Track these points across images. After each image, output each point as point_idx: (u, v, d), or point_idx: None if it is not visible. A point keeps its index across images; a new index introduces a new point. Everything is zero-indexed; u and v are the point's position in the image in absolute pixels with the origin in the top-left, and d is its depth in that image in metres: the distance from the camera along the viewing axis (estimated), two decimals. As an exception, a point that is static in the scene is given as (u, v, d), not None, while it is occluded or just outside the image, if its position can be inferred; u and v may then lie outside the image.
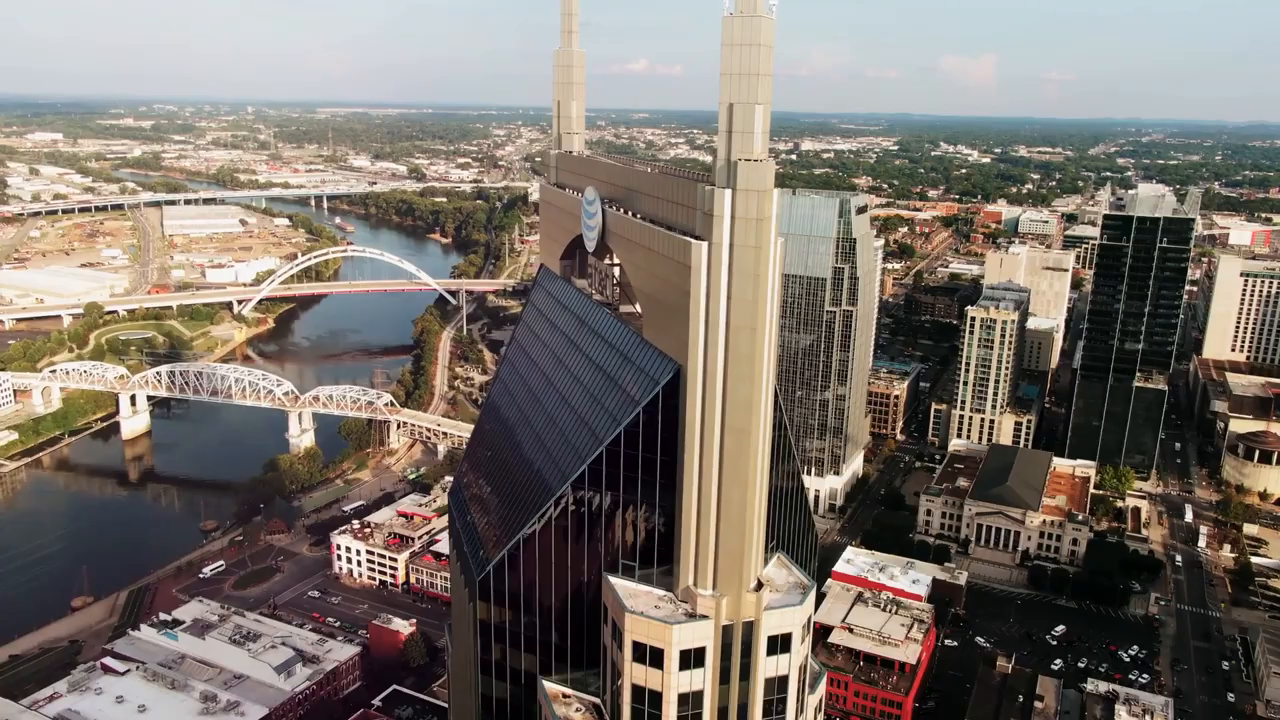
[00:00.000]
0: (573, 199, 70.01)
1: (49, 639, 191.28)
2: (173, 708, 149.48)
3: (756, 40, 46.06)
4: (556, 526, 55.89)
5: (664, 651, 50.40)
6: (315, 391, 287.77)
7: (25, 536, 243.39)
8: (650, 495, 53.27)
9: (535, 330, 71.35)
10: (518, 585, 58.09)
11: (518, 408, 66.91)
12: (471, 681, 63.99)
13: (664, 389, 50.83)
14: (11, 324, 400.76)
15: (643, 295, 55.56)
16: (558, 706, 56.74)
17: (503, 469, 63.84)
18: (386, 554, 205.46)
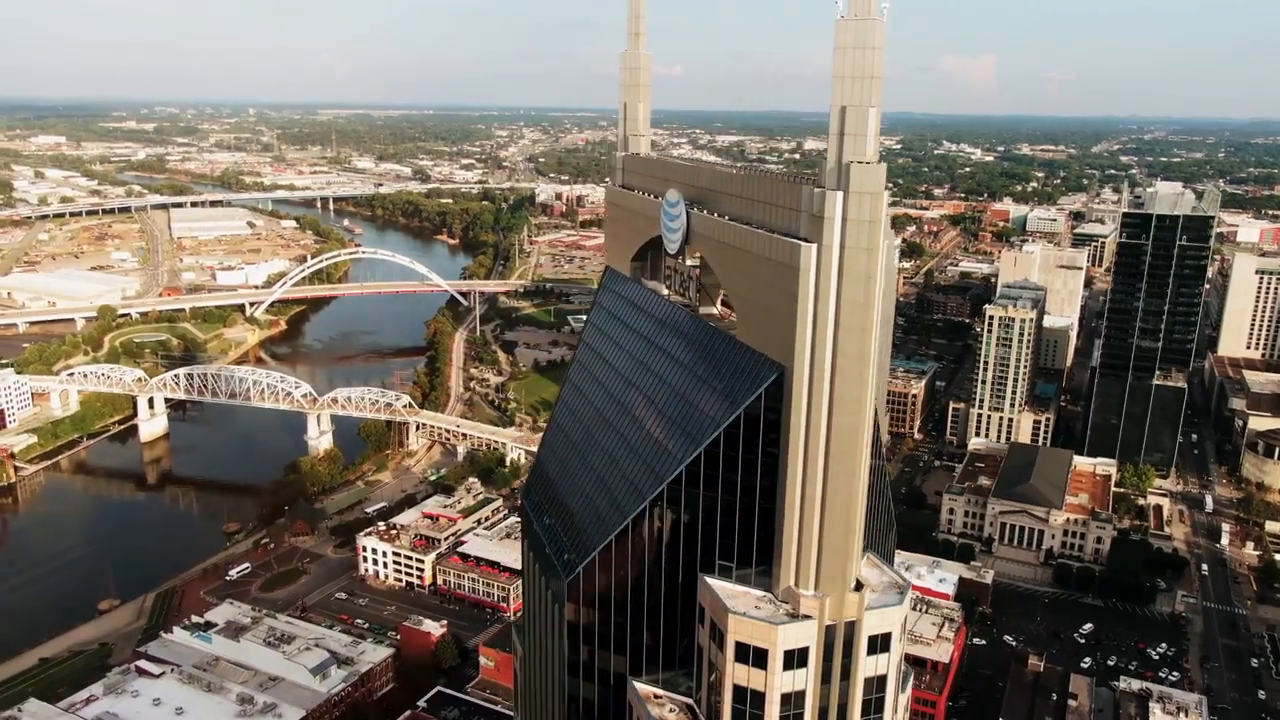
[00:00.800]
0: (645, 200, 70.22)
1: (78, 641, 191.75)
2: (210, 710, 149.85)
3: (869, 43, 46.37)
4: (651, 528, 56.11)
5: (768, 652, 50.67)
6: (334, 393, 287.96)
7: (49, 540, 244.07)
8: (749, 496, 53.51)
9: (607, 332, 71.56)
10: (609, 587, 58.30)
11: (594, 410, 67.09)
12: (556, 683, 64.21)
13: (766, 390, 51.07)
14: (25, 327, 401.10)
15: (737, 297, 55.80)
16: (651, 707, 56.95)
17: (584, 471, 64.04)
18: (413, 556, 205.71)
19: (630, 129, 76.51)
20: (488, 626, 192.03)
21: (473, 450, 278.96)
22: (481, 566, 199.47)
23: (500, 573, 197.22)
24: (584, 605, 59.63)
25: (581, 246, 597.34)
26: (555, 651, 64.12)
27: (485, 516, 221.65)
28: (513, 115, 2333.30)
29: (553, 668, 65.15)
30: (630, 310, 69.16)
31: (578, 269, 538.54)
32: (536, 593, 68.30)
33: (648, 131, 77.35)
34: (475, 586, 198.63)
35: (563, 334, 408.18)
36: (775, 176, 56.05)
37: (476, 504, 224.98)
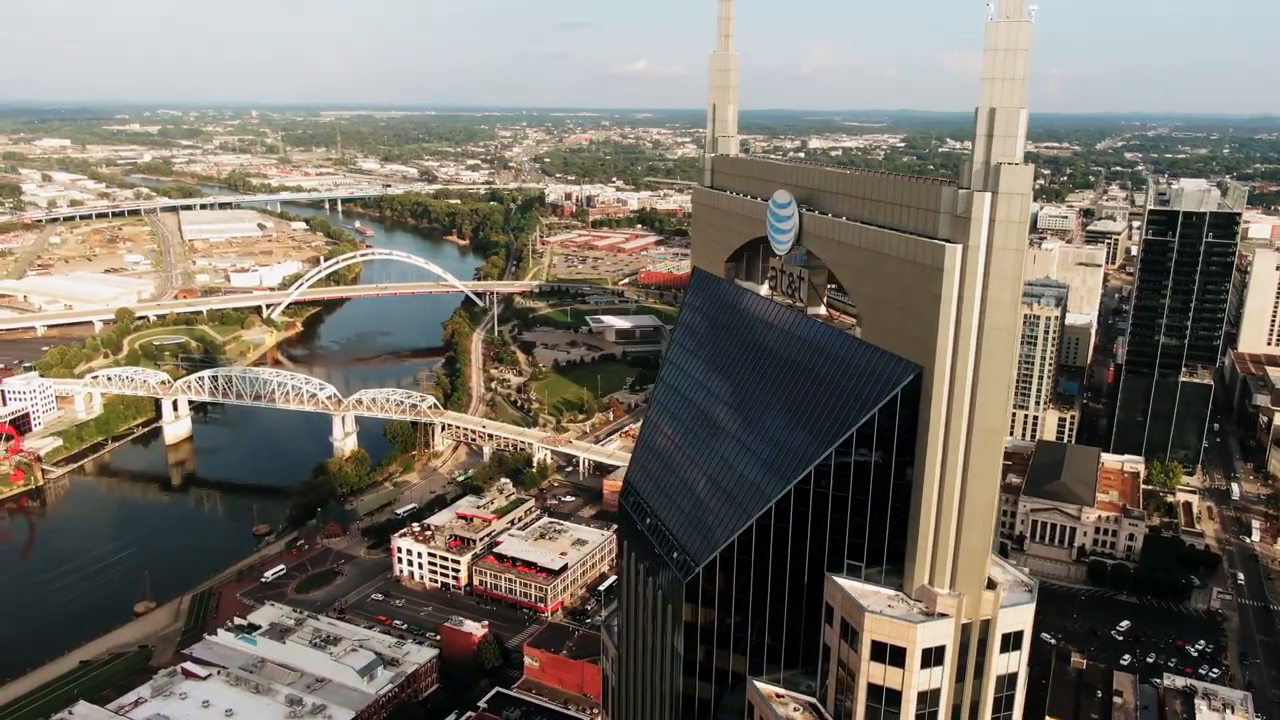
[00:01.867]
0: (744, 201, 70.54)
1: (117, 644, 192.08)
2: (260, 712, 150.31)
3: (1018, 45, 46.66)
4: (776, 527, 56.42)
5: (906, 651, 51.03)
6: (359, 395, 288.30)
7: (80, 542, 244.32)
8: (881, 495, 53.82)
9: (703, 334, 71.84)
10: (729, 586, 58.63)
11: (697, 411, 67.33)
12: (668, 682, 64.53)
13: (902, 391, 51.39)
14: (43, 330, 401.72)
15: (863, 298, 56.07)
16: (775, 706, 57.30)
17: (692, 472, 64.29)
18: (448, 556, 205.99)
19: (720, 130, 76.87)
20: (526, 627, 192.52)
21: (499, 451, 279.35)
22: (518, 567, 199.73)
23: (538, 573, 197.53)
24: (702, 605, 59.96)
25: (594, 247, 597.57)
26: (666, 651, 64.45)
27: (518, 517, 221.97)
28: (515, 116, 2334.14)
29: (663, 667, 65.48)
30: (729, 312, 69.47)
31: (591, 269, 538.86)
32: (641, 592, 68.61)
33: (735, 132, 77.64)
34: (512, 587, 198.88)
35: (580, 334, 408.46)
36: (906, 177, 56.36)
37: (509, 505, 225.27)
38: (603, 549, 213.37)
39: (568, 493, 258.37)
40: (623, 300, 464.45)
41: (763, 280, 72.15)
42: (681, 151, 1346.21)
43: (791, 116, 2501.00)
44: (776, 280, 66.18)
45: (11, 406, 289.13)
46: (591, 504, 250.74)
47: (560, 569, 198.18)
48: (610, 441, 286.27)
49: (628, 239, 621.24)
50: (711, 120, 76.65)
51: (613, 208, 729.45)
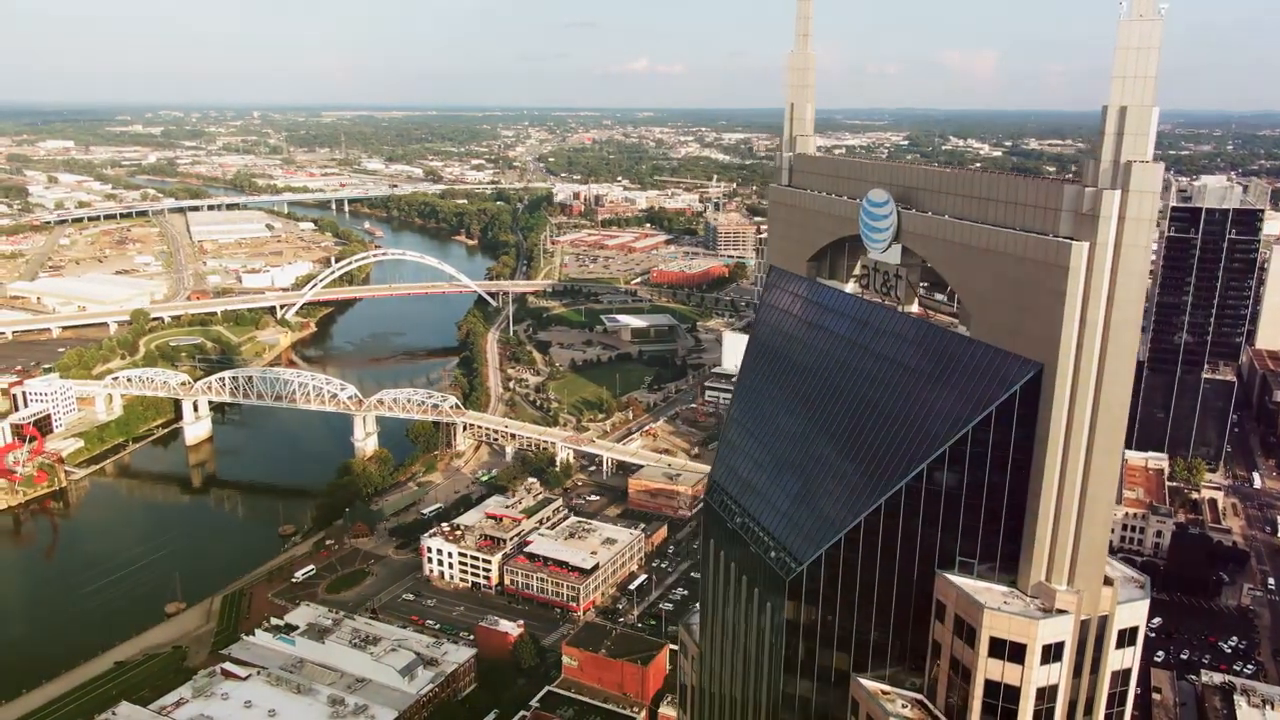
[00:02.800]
0: (829, 200, 70.73)
1: (150, 645, 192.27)
2: (302, 712, 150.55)
3: (1150, 44, 46.86)
4: (885, 525, 56.61)
5: (1026, 647, 51.23)
6: (380, 395, 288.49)
7: (106, 544, 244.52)
8: (995, 492, 54.00)
9: (786, 331, 71.94)
10: (835, 584, 58.78)
11: (788, 411, 67.48)
12: (766, 680, 64.73)
13: (1022, 388, 51.56)
14: (58, 332, 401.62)
15: (973, 296, 56.21)
16: (883, 703, 57.49)
17: (788, 471, 64.45)
18: (479, 556, 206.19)
19: (798, 129, 76.98)
20: (558, 626, 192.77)
21: (521, 450, 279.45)
22: (550, 566, 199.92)
23: (570, 572, 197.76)
24: (806, 603, 60.12)
25: (604, 246, 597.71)
26: (763, 648, 64.64)
27: (546, 517, 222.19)
28: (516, 115, 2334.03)
29: (758, 665, 65.67)
30: (815, 310, 69.59)
31: (602, 269, 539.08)
32: (732, 590, 68.80)
33: (812, 131, 77.78)
34: (544, 586, 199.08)
35: (595, 333, 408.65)
36: (1018, 176, 56.53)
37: (537, 504, 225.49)
38: (631, 548, 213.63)
39: (591, 492, 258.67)
40: (636, 300, 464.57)
41: (848, 278, 72.31)
42: (685, 150, 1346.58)
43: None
44: (868, 279, 66.32)
45: (33, 408, 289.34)
46: (616, 503, 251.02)
47: (592, 568, 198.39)
48: (631, 441, 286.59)
49: (637, 238, 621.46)
50: (789, 119, 76.76)
51: (621, 207, 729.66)
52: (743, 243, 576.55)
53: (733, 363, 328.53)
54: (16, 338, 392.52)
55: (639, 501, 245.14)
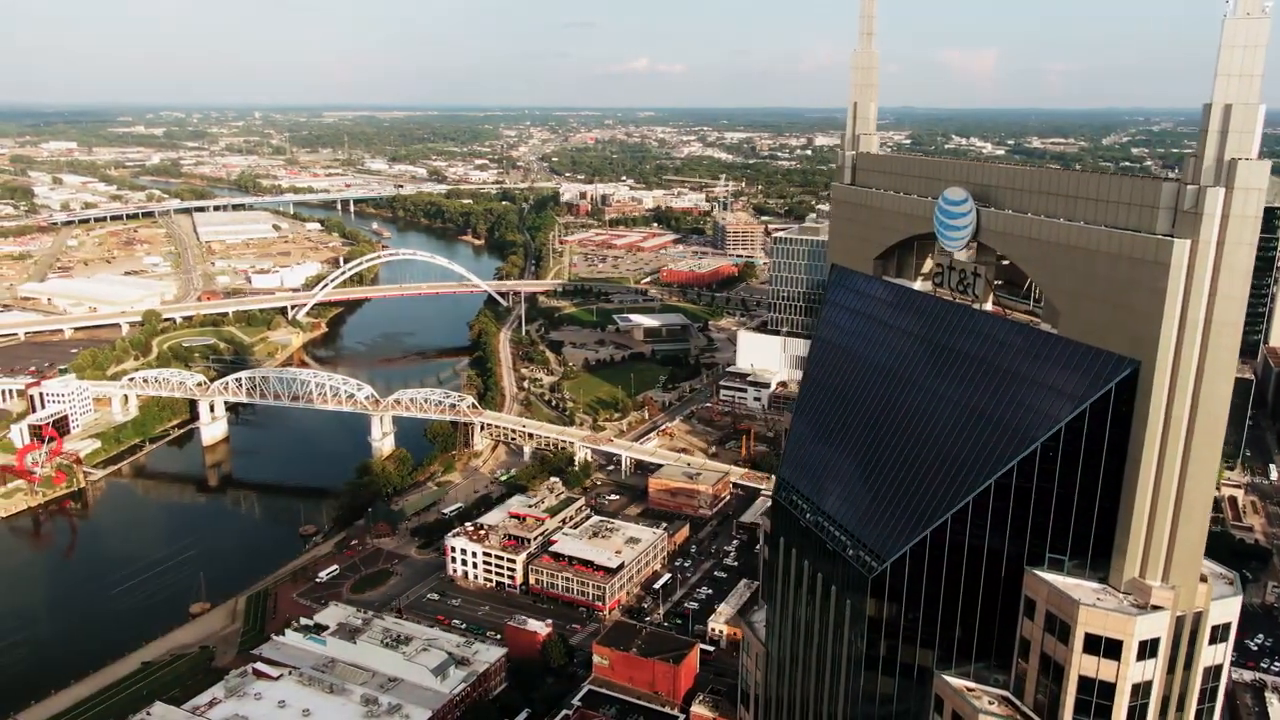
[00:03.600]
0: (897, 198, 70.86)
1: (177, 645, 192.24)
2: (336, 712, 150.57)
3: (1256, 41, 47.02)
4: (973, 522, 56.76)
5: (1122, 643, 51.36)
6: (397, 395, 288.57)
7: (127, 544, 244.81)
8: (1089, 489, 54.12)
9: (856, 330, 72.08)
10: (919, 581, 58.92)
11: (862, 408, 67.61)
12: (844, 676, 64.87)
13: (1117, 385, 51.68)
14: (71, 333, 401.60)
15: (1061, 293, 56.30)
16: (970, 698, 57.62)
17: (867, 469, 64.58)
18: (504, 555, 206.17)
19: (861, 127, 77.15)
20: (584, 626, 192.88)
21: (539, 450, 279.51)
22: (575, 566, 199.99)
23: (595, 571, 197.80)
24: (889, 600, 60.28)
25: (612, 245, 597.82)
26: (841, 645, 64.79)
27: (569, 516, 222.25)
28: (517, 115, 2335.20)
29: (834, 662, 65.81)
30: (887, 309, 69.70)
31: (611, 268, 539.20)
32: (804, 588, 68.92)
33: (875, 130, 77.93)
34: (569, 586, 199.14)
35: (608, 333, 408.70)
36: (1111, 174, 56.65)
37: (560, 504, 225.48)
38: (655, 547, 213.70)
39: (611, 491, 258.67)
40: (647, 299, 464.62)
41: (916, 276, 72.47)
42: (688, 150, 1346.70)
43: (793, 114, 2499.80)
44: (943, 276, 66.42)
45: (51, 409, 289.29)
46: (636, 502, 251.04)
47: (617, 567, 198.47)
48: (648, 440, 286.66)
49: (645, 237, 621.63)
50: (852, 118, 76.92)
51: (628, 206, 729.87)
52: (751, 242, 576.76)
53: (747, 361, 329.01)
54: (29, 339, 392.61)
55: (659, 501, 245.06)
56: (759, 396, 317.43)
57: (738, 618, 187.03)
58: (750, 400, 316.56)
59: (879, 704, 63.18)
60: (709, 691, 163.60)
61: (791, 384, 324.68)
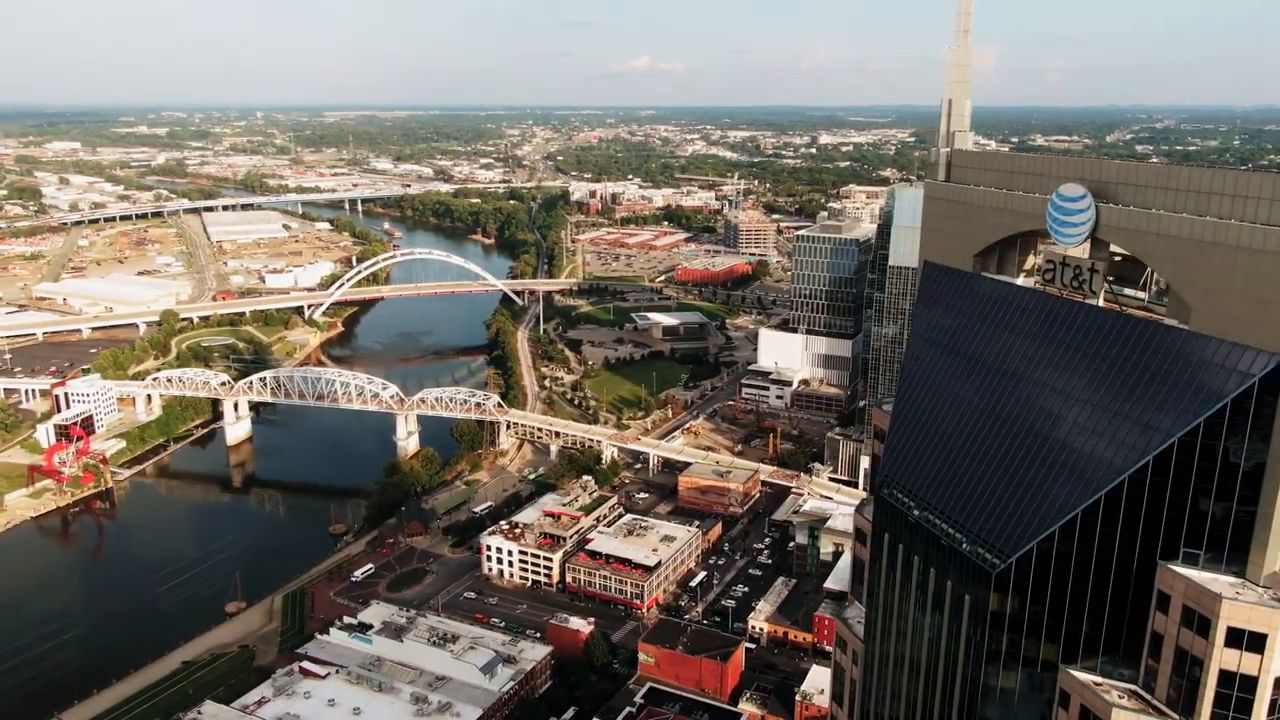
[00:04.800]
0: (1001, 195, 71.07)
1: (216, 644, 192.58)
2: (385, 710, 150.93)
3: None
4: (1105, 517, 56.94)
5: (1266, 637, 51.61)
6: (422, 394, 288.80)
7: (158, 544, 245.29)
8: (1227, 484, 54.32)
9: (957, 327, 72.17)
10: (1045, 576, 59.13)
11: (971, 404, 67.76)
12: (961, 672, 65.10)
13: (1261, 379, 51.92)
14: (89, 333, 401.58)
15: (1194, 290, 56.49)
16: (1100, 693, 57.86)
17: (980, 464, 64.74)
18: (540, 554, 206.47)
19: (956, 124, 77.29)
20: (624, 623, 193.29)
21: (565, 449, 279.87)
22: (613, 564, 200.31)
23: (633, 570, 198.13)
24: (1013, 596, 60.49)
25: (624, 244, 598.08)
26: (957, 641, 65.03)
27: (602, 515, 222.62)
28: (519, 115, 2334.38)
29: (949, 658, 66.05)
30: (992, 306, 69.81)
31: (625, 267, 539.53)
32: (914, 584, 69.17)
33: (968, 126, 78.13)
34: (607, 584, 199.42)
35: (626, 331, 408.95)
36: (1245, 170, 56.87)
37: (593, 502, 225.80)
38: (690, 545, 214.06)
39: (640, 490, 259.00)
40: (662, 298, 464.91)
41: (1018, 273, 72.73)
42: (691, 148, 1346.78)
43: (795, 112, 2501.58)
44: (1053, 272, 66.59)
45: (76, 409, 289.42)
46: (665, 500, 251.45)
47: (655, 566, 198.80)
48: (673, 439, 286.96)
49: (656, 236, 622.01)
50: (946, 115, 77.09)
51: (638, 205, 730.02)
52: (764, 240, 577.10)
53: (769, 360, 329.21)
54: (47, 339, 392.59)
55: (689, 499, 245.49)
56: (781, 395, 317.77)
57: (778, 615, 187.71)
58: (773, 398, 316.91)
59: (999, 698, 63.39)
60: (755, 689, 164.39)
61: (813, 382, 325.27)
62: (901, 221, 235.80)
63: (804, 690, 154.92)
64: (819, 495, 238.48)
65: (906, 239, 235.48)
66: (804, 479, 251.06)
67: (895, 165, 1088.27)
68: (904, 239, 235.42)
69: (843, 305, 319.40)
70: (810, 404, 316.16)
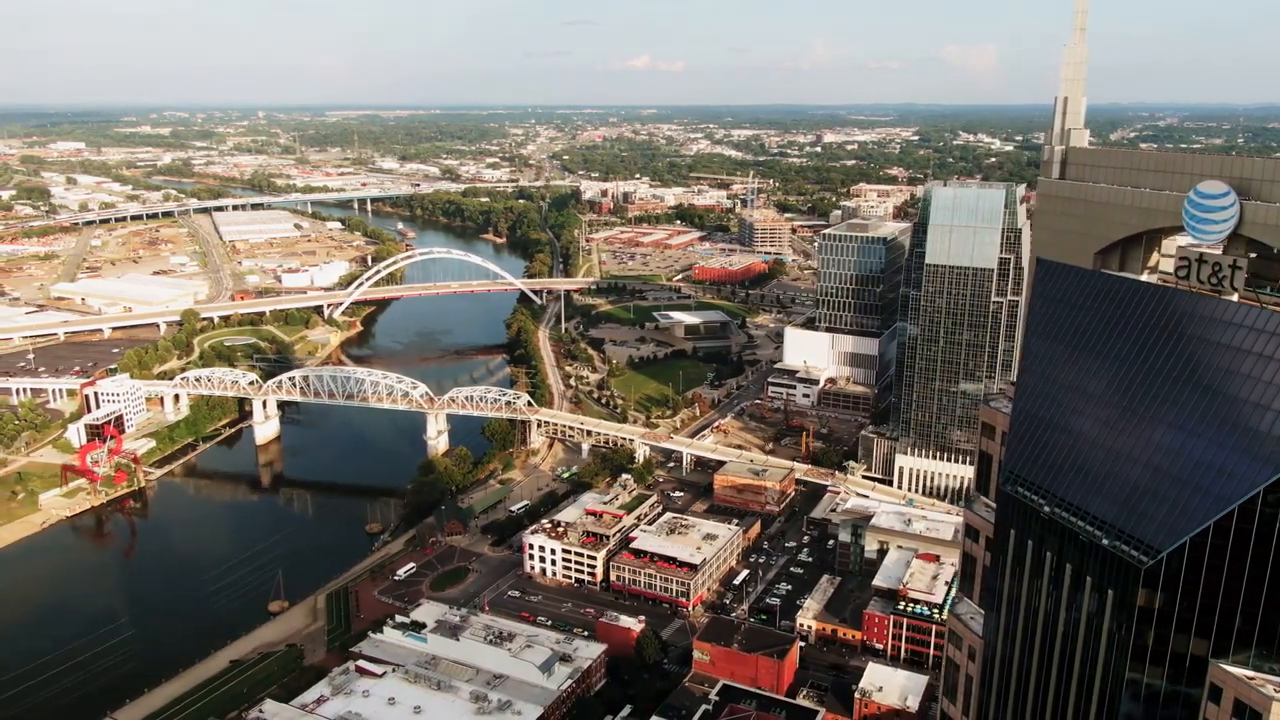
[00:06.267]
0: (1120, 192, 71.35)
1: (262, 643, 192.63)
2: (446, 708, 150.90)
3: None
4: (1263, 512, 57.27)
5: None
6: (452, 393, 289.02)
7: (195, 544, 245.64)
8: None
9: (1079, 323, 72.26)
10: (1198, 571, 59.45)
11: (1103, 400, 68.01)
12: (1101, 668, 65.40)
13: None
14: (109, 333, 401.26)
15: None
16: (1256, 686, 58.19)
17: (1118, 458, 65.02)
18: (584, 552, 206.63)
19: (1071, 122, 77.54)
20: (671, 621, 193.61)
21: (596, 447, 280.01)
22: (658, 562, 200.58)
23: (679, 568, 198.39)
24: (1163, 591, 60.77)
25: (639, 243, 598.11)
26: (1098, 638, 65.34)
27: (643, 513, 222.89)
28: (520, 114, 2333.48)
29: (1089, 654, 66.38)
30: (1121, 302, 69.83)
31: (641, 265, 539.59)
32: (1047, 580, 69.46)
33: (1083, 125, 78.40)
34: (652, 582, 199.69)
35: (647, 330, 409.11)
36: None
37: (633, 500, 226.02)
38: (731, 543, 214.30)
39: (674, 488, 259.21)
40: (681, 296, 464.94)
41: (1142, 269, 73.02)
42: (696, 147, 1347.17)
43: (796, 111, 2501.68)
44: (1188, 270, 66.89)
45: (106, 408, 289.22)
46: (701, 499, 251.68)
47: (700, 563, 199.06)
48: (704, 437, 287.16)
49: (670, 235, 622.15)
50: (1062, 113, 77.35)
51: (650, 204, 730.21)
52: (779, 239, 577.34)
53: (797, 358, 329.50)
54: (69, 339, 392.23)
55: (725, 497, 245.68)
56: (808, 393, 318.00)
57: (825, 613, 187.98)
58: (800, 397, 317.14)
59: (1143, 695, 63.66)
60: (810, 686, 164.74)
61: (840, 380, 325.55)
62: (938, 220, 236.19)
63: (863, 687, 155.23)
64: (855, 493, 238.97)
65: (943, 237, 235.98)
66: (838, 477, 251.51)
67: (901, 164, 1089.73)
68: (941, 237, 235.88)
69: (869, 304, 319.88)
70: (837, 402, 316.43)
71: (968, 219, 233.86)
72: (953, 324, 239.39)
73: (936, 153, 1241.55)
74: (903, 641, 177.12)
